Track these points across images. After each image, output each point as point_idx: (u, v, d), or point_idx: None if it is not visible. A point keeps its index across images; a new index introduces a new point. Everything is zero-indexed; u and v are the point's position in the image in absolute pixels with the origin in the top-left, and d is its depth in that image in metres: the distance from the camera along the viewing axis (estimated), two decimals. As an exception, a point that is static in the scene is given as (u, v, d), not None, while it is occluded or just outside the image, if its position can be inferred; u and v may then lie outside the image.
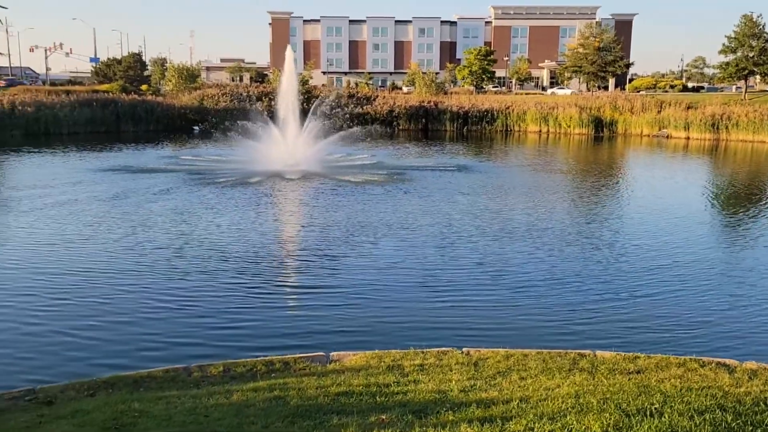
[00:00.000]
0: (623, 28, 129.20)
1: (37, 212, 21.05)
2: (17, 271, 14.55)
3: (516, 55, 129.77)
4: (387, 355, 8.67)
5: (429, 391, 7.14)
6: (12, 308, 12.12)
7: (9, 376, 9.26)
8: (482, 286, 13.96)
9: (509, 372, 7.97)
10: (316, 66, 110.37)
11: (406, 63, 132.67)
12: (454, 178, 30.50)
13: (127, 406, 6.77)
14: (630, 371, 8.00)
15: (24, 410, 7.02)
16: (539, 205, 23.78)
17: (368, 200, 23.84)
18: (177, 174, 30.22)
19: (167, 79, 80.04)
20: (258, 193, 25.07)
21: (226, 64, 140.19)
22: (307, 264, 15.49)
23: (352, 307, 12.37)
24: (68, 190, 25.44)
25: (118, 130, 57.41)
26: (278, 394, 7.07)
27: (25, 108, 52.66)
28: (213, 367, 8.41)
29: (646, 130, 59.88)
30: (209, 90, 71.02)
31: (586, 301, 13.01)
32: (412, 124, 66.00)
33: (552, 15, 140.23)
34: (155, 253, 16.08)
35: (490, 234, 18.78)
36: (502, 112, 65.07)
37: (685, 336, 11.31)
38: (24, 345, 10.44)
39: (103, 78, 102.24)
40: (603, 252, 16.97)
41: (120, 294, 12.96)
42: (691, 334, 11.41)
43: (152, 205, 22.30)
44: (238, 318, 11.75)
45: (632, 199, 26.85)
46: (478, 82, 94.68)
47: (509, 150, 49.83)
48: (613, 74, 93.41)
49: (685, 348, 10.30)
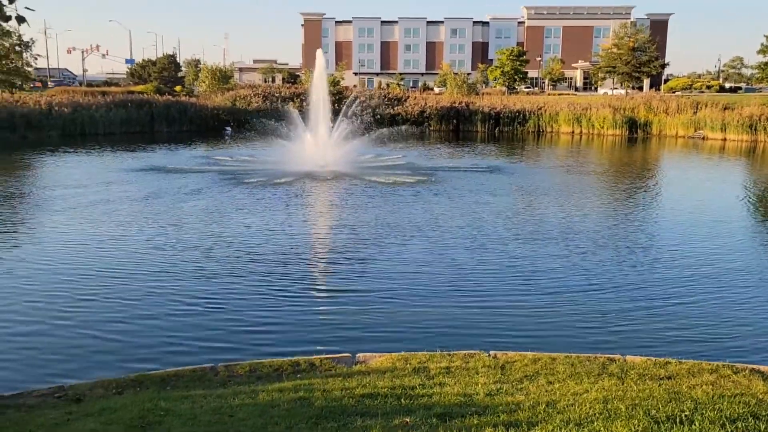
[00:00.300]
0: (658, 28, 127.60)
1: (70, 212, 21.38)
2: (48, 270, 14.76)
3: (549, 55, 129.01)
4: (413, 357, 8.62)
5: (454, 394, 7.07)
6: (43, 306, 12.30)
7: (39, 373, 9.40)
8: (512, 288, 13.81)
9: (536, 376, 7.87)
10: (347, 67, 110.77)
11: (437, 64, 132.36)
12: (486, 180, 30.31)
13: (153, 405, 6.82)
14: (660, 377, 7.85)
15: (53, 407, 7.12)
16: (572, 208, 23.49)
17: (398, 201, 23.81)
18: (208, 174, 30.50)
19: (201, 80, 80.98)
20: (288, 194, 25.18)
21: (259, 65, 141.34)
22: (335, 265, 15.50)
23: (380, 309, 12.33)
24: (101, 190, 25.81)
25: (152, 130, 58.15)
26: (303, 395, 7.07)
27: (62, 109, 53.58)
28: (239, 366, 8.44)
29: (681, 132, 58.90)
30: (242, 91, 71.64)
31: (618, 305, 12.79)
32: (443, 125, 65.80)
33: (586, 15, 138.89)
34: (185, 253, 16.22)
35: (522, 236, 18.60)
36: (534, 112, 64.54)
37: (720, 342, 11.05)
38: (54, 343, 10.58)
39: (138, 79, 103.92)
40: (638, 256, 16.66)
41: (149, 294, 13.08)
42: (726, 341, 11.14)
43: (183, 205, 22.53)
44: (265, 318, 11.78)
45: (668, 202, 26.37)
46: (510, 83, 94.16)
47: (541, 151, 49.41)
48: (648, 75, 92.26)
49: (719, 354, 10.07)
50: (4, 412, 7.03)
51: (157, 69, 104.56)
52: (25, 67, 65.93)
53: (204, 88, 77.67)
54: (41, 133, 51.14)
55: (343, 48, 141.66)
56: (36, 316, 11.80)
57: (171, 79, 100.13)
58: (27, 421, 6.61)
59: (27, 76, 66.82)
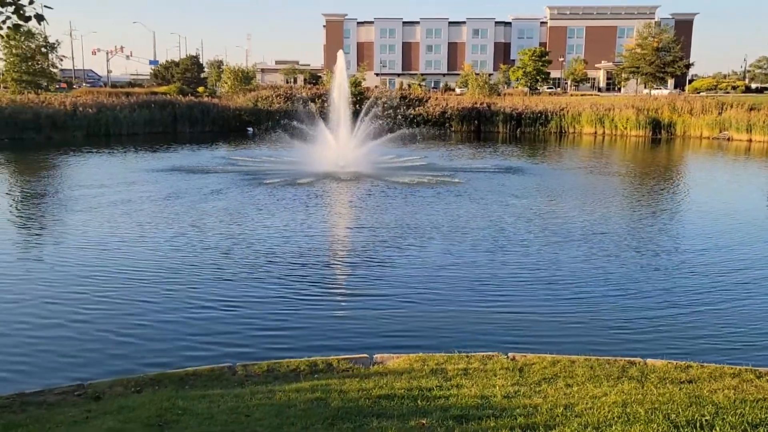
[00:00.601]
0: (683, 28, 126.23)
1: (92, 211, 21.59)
2: (70, 269, 14.92)
3: (572, 55, 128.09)
4: (431, 359, 8.59)
5: (472, 396, 7.03)
6: (65, 305, 12.43)
7: (60, 371, 9.50)
8: (532, 291, 13.71)
9: (555, 378, 7.80)
10: (369, 68, 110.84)
11: (459, 64, 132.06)
12: (507, 181, 30.18)
13: (171, 404, 6.85)
14: (681, 381, 7.75)
15: (73, 405, 7.18)
16: (595, 210, 23.26)
17: (418, 202, 23.77)
18: (229, 175, 30.68)
19: (223, 81, 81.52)
20: (308, 194, 25.25)
21: (281, 66, 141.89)
22: (354, 266, 15.50)
23: (398, 310, 12.31)
24: (123, 190, 26.06)
25: (175, 130, 58.67)
26: (320, 395, 7.06)
27: (87, 109, 54.22)
28: (257, 366, 8.46)
29: (705, 132, 58.26)
30: (263, 91, 72.02)
31: (640, 309, 12.62)
32: (465, 126, 65.69)
33: (609, 15, 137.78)
34: (205, 253, 16.31)
35: (544, 238, 18.46)
36: (557, 113, 64.20)
37: (743, 346, 10.87)
38: (75, 341, 10.70)
39: (162, 80, 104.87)
40: (662, 259, 16.42)
41: (169, 293, 13.16)
42: (750, 345, 10.96)
43: (204, 206, 22.66)
44: (283, 319, 11.80)
45: (694, 204, 25.98)
46: (533, 84, 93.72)
47: (564, 152, 49.11)
48: (672, 75, 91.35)
49: (742, 358, 9.93)
50: (26, 409, 7.11)
51: (180, 70, 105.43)
52: (50, 68, 66.83)
53: (226, 89, 78.21)
54: (66, 133, 51.81)
55: (364, 49, 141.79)
56: (57, 314, 11.94)
57: (194, 80, 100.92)
58: (47, 419, 6.68)
59: (52, 77, 67.75)
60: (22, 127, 50.12)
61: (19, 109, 51.23)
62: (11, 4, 5.32)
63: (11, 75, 63.26)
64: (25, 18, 5.39)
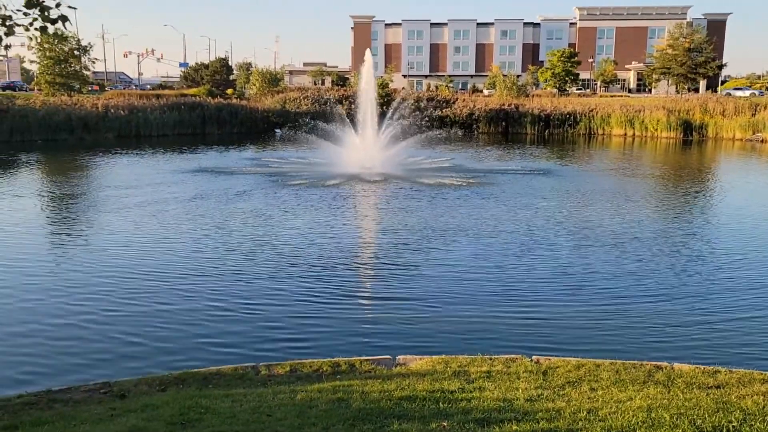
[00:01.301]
0: (716, 28, 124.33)
1: (121, 212, 21.88)
2: (98, 268, 15.11)
3: (601, 56, 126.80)
4: (453, 361, 8.55)
5: (494, 399, 6.98)
6: (91, 304, 12.60)
7: (87, 369, 9.62)
8: (559, 294, 13.57)
9: (579, 382, 7.72)
10: (396, 69, 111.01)
11: (487, 65, 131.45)
12: (535, 182, 29.97)
13: (194, 402, 6.91)
14: (709, 386, 7.61)
15: (98, 403, 7.27)
16: (626, 213, 22.91)
17: (445, 204, 23.69)
18: (256, 176, 30.87)
19: (251, 83, 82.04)
20: (334, 196, 25.30)
21: (309, 68, 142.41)
22: (379, 267, 15.50)
23: (422, 312, 12.27)
24: (151, 191, 26.36)
25: (204, 132, 59.26)
26: (341, 396, 7.07)
27: (118, 111, 54.98)
28: (280, 366, 8.49)
29: (738, 134, 57.33)
30: (291, 93, 72.40)
31: (669, 313, 12.42)
32: (492, 127, 65.40)
33: (640, 15, 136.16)
34: (230, 254, 16.43)
35: (571, 241, 18.29)
36: (586, 114, 63.65)
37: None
38: (101, 340, 10.83)
39: (192, 82, 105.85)
40: (694, 264, 16.11)
41: (194, 294, 13.27)
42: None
43: (230, 207, 22.82)
44: (307, 319, 11.83)
45: (728, 207, 25.39)
46: (561, 85, 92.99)
47: (593, 153, 48.65)
48: (704, 76, 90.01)
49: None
50: (53, 407, 7.22)
51: (209, 72, 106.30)
52: (83, 70, 67.82)
53: (254, 91, 78.74)
54: (98, 134, 52.63)
55: (392, 50, 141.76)
56: (85, 313, 12.10)
57: (223, 82, 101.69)
58: (73, 416, 6.77)
59: (85, 80, 68.73)
60: (55, 128, 51.03)
61: (52, 111, 52.14)
62: (37, 5, 5.40)
63: (45, 77, 64.30)
64: (51, 20, 5.47)
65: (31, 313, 12.11)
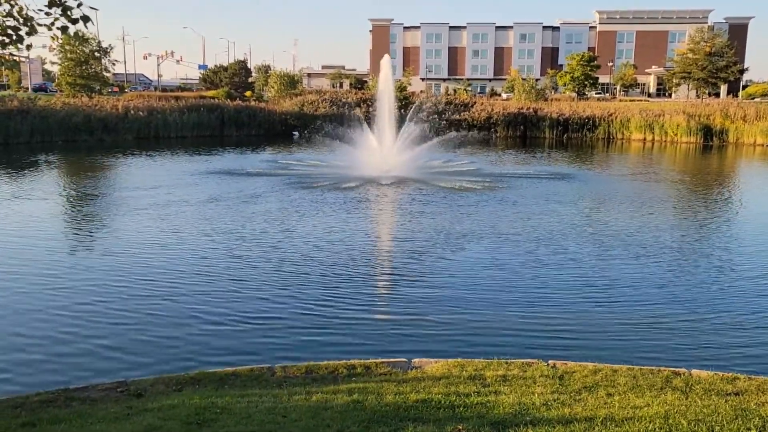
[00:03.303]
0: (738, 32, 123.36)
1: (138, 213, 21.99)
2: (114, 269, 15.19)
3: (621, 60, 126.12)
4: (469, 364, 8.53)
5: (510, 403, 6.95)
6: (110, 303, 12.69)
7: (105, 367, 9.69)
8: (576, 298, 13.48)
9: (596, 387, 7.67)
10: (414, 72, 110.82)
11: (506, 69, 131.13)
12: (553, 187, 29.81)
13: (210, 402, 6.94)
14: (727, 393, 7.54)
15: (115, 401, 7.33)
16: (645, 218, 22.64)
17: (462, 208, 23.63)
18: (274, 178, 30.95)
19: (270, 85, 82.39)
20: (351, 199, 25.32)
21: (327, 71, 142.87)
22: (395, 270, 15.48)
23: (438, 315, 12.23)
24: (169, 192, 26.48)
25: (222, 134, 59.58)
26: (357, 398, 7.07)
27: (138, 113, 55.42)
28: (296, 368, 8.51)
29: (760, 140, 56.64)
30: (309, 96, 72.59)
31: (688, 319, 12.29)
32: (510, 131, 65.13)
33: (660, 19, 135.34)
34: (246, 254, 16.48)
35: (591, 245, 18.15)
36: (605, 119, 63.20)
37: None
38: (119, 339, 10.89)
39: (211, 84, 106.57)
40: (714, 270, 15.90)
41: (211, 294, 13.33)
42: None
43: (246, 209, 22.87)
44: (323, 321, 11.83)
45: (751, 214, 24.97)
46: (580, 89, 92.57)
47: (612, 158, 48.34)
48: (725, 80, 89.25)
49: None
50: (70, 405, 7.28)
51: (228, 74, 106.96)
52: (103, 72, 68.46)
53: (273, 94, 79.08)
54: (117, 136, 53.07)
55: (410, 53, 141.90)
56: (103, 312, 12.19)
57: (242, 85, 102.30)
58: (90, 414, 6.82)
59: (105, 81, 69.37)
60: (75, 129, 51.47)
61: (72, 112, 52.61)
62: (59, 5, 5.45)
63: (66, 79, 64.97)
64: (72, 20, 5.52)
65: (45, 312, 12.19)
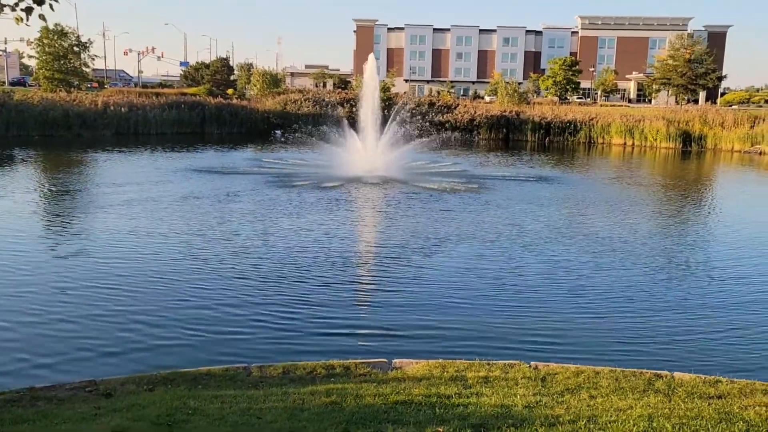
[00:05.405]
0: (716, 40, 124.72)
1: (112, 209, 21.61)
2: (86, 266, 14.86)
3: (602, 66, 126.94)
4: (450, 365, 8.36)
5: (492, 405, 6.80)
6: (80, 301, 12.37)
7: (74, 366, 9.40)
8: (557, 299, 13.42)
9: (578, 389, 7.54)
10: (398, 73, 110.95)
11: (489, 72, 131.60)
12: (535, 189, 29.78)
13: (182, 403, 6.71)
14: (710, 396, 7.45)
15: (83, 401, 7.06)
16: (624, 221, 22.71)
17: (444, 209, 23.51)
18: (255, 176, 30.65)
19: (252, 83, 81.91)
20: (334, 198, 25.10)
21: (310, 70, 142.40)
22: (376, 270, 15.31)
23: (419, 315, 12.08)
24: (146, 189, 26.11)
25: (203, 131, 59.07)
26: (335, 399, 6.87)
27: (118, 108, 54.77)
28: (272, 368, 8.29)
29: (737, 146, 57.21)
30: (292, 95, 72.22)
31: (667, 321, 12.28)
32: (493, 134, 65.25)
33: (642, 26, 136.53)
34: (224, 253, 16.21)
35: (571, 247, 18.11)
36: (586, 123, 63.52)
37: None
38: (90, 337, 10.59)
39: (192, 81, 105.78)
40: (692, 273, 15.99)
41: (186, 293, 13.07)
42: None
43: (225, 207, 22.59)
44: (302, 321, 11.62)
45: (728, 218, 25.08)
46: (562, 93, 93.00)
47: (593, 162, 48.52)
48: (704, 87, 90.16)
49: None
50: (35, 404, 7.00)
51: (210, 72, 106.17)
52: (82, 67, 67.62)
53: (255, 92, 78.61)
54: (95, 131, 52.40)
55: (394, 55, 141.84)
56: (73, 309, 11.87)
57: (223, 82, 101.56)
58: (55, 414, 6.56)
59: (84, 77, 68.52)
60: (52, 124, 50.78)
61: (49, 107, 51.90)
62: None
63: (44, 73, 64.12)
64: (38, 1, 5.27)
65: (17, 308, 11.87)
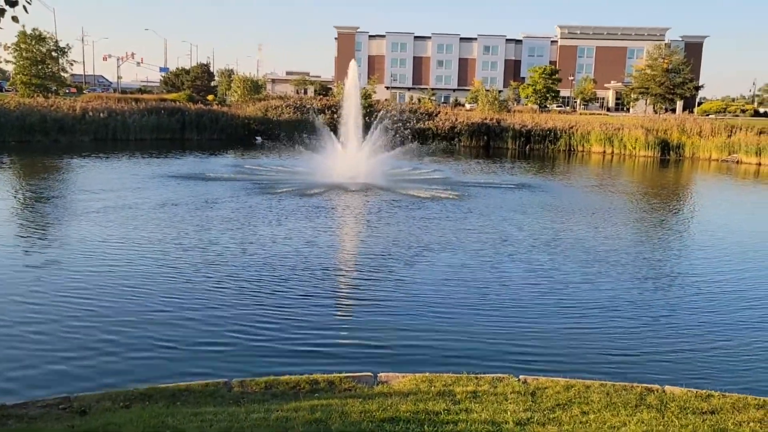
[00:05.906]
0: (693, 50, 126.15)
1: (89, 216, 21.19)
2: (61, 277, 14.46)
3: (581, 75, 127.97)
4: (438, 379, 8.15)
5: (481, 421, 6.61)
6: (53, 314, 11.97)
7: (47, 383, 9.04)
8: (545, 311, 13.23)
9: (570, 405, 7.37)
10: (379, 81, 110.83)
11: (469, 80, 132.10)
12: (518, 197, 29.70)
13: (159, 421, 6.43)
14: (703, 411, 7.33)
15: (56, 419, 6.76)
16: (607, 230, 22.66)
17: (427, 216, 23.33)
18: (236, 183, 30.31)
19: (233, 89, 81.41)
20: (315, 205, 24.82)
21: (292, 77, 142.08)
22: (359, 281, 15.06)
23: (404, 328, 11.84)
24: (124, 196, 25.64)
25: (183, 137, 58.48)
26: (320, 416, 6.64)
27: (96, 114, 54.07)
28: (254, 383, 8.02)
29: (714, 155, 57.73)
30: (273, 101, 71.81)
31: (656, 334, 12.15)
32: (474, 141, 65.33)
33: (620, 36, 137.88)
34: (203, 263, 15.86)
35: (559, 259, 17.94)
36: (566, 131, 63.78)
37: (762, 376, 10.40)
38: (64, 352, 10.22)
39: (172, 87, 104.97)
40: (678, 285, 15.83)
41: (164, 305, 12.72)
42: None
43: (206, 214, 22.23)
44: (285, 333, 11.34)
45: (714, 227, 24.87)
46: (542, 101, 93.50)
47: (573, 170, 48.67)
48: (681, 97, 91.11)
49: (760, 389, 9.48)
50: (5, 423, 6.68)
51: (190, 78, 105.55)
52: (60, 72, 66.75)
53: (236, 98, 78.09)
54: (73, 137, 51.64)
55: (375, 62, 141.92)
56: (47, 323, 11.47)
57: (204, 88, 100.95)
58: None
59: (62, 82, 67.65)
60: (30, 129, 49.95)
61: (27, 112, 51.03)
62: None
63: (21, 78, 63.19)
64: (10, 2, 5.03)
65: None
